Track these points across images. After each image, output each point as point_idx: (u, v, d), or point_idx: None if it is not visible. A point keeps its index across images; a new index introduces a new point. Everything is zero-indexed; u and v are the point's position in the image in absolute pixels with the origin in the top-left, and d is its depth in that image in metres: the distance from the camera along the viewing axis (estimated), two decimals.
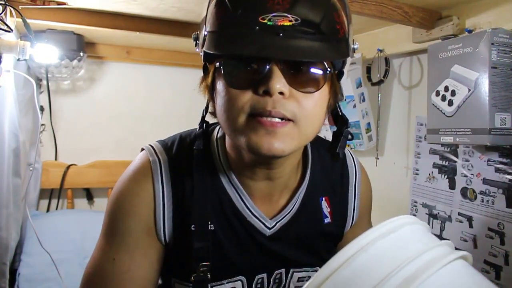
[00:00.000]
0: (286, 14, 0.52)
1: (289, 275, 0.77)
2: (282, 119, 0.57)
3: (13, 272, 1.66)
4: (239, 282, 0.73)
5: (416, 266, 0.44)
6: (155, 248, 0.70)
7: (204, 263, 0.68)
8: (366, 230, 0.92)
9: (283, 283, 0.77)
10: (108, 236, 0.70)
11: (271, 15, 0.52)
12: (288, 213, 0.75)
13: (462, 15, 1.32)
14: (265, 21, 0.52)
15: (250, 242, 0.72)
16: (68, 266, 1.68)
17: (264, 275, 0.74)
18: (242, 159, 0.68)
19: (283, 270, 0.76)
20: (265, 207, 0.73)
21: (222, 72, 0.59)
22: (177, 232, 0.69)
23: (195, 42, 0.65)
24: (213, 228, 0.69)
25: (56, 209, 2.07)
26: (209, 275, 0.68)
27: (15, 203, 1.54)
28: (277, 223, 0.73)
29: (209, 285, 0.69)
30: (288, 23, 0.52)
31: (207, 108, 0.70)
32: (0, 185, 1.36)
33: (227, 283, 0.72)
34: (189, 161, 0.71)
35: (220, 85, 0.61)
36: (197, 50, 0.64)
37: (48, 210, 2.06)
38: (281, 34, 0.52)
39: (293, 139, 0.58)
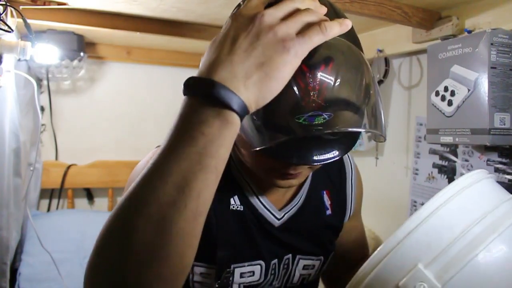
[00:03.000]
0: (320, 113, 0.49)
1: (295, 261, 0.80)
2: None
3: (14, 271, 1.66)
4: (258, 266, 0.76)
5: (493, 219, 0.55)
6: None
7: (228, 270, 0.71)
8: (360, 222, 0.95)
9: (290, 268, 0.80)
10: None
11: (306, 115, 0.49)
12: (295, 205, 0.79)
13: (461, 16, 1.33)
14: (300, 120, 0.50)
15: (259, 232, 0.75)
16: (68, 266, 1.69)
17: (276, 261, 0.78)
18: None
19: (290, 256, 0.79)
20: (274, 200, 0.77)
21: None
22: None
23: None
24: (238, 208, 0.74)
25: (57, 209, 2.07)
26: (231, 279, 0.72)
27: (15, 203, 1.54)
28: (285, 214, 0.78)
29: (232, 265, 0.73)
30: (322, 121, 0.50)
31: None
32: (1, 185, 1.37)
33: (247, 265, 0.75)
34: None
35: (243, 143, 0.63)
36: None
37: (48, 210, 2.06)
38: (314, 130, 0.51)
39: (307, 175, 0.69)
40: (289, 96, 0.48)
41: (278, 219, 0.77)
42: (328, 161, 0.55)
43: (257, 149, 0.52)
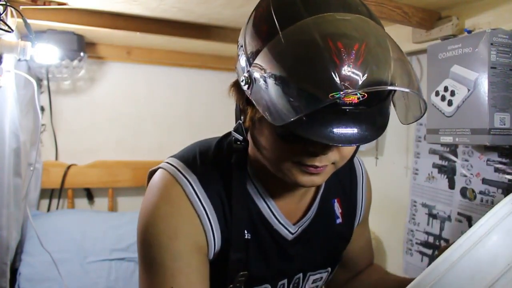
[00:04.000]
0: (354, 91, 0.48)
1: (306, 279, 0.80)
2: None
3: (14, 271, 1.66)
4: None
5: None
6: (205, 264, 0.69)
7: (242, 273, 0.69)
8: (367, 229, 0.94)
9: (300, 286, 0.80)
10: (157, 267, 0.66)
11: (341, 93, 0.47)
12: (310, 218, 0.77)
13: (461, 15, 1.33)
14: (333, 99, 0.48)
15: (274, 249, 0.74)
16: (68, 266, 1.69)
17: (285, 281, 0.77)
18: (269, 173, 0.67)
19: (301, 275, 0.78)
20: (288, 212, 0.75)
21: (273, 126, 0.57)
22: (222, 246, 0.70)
23: (245, 85, 0.56)
24: (249, 238, 0.70)
25: (57, 209, 2.07)
26: (243, 286, 0.70)
27: (15, 203, 1.54)
28: (299, 228, 0.76)
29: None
30: (356, 100, 0.50)
31: (237, 117, 0.67)
32: (1, 185, 1.37)
33: None
34: (219, 175, 0.70)
35: (267, 130, 0.61)
36: (246, 90, 0.57)
37: (48, 210, 2.06)
38: (347, 109, 0.51)
39: (330, 174, 0.65)
40: (323, 71, 0.48)
41: (292, 234, 0.75)
42: (361, 143, 0.53)
43: (292, 119, 0.48)
